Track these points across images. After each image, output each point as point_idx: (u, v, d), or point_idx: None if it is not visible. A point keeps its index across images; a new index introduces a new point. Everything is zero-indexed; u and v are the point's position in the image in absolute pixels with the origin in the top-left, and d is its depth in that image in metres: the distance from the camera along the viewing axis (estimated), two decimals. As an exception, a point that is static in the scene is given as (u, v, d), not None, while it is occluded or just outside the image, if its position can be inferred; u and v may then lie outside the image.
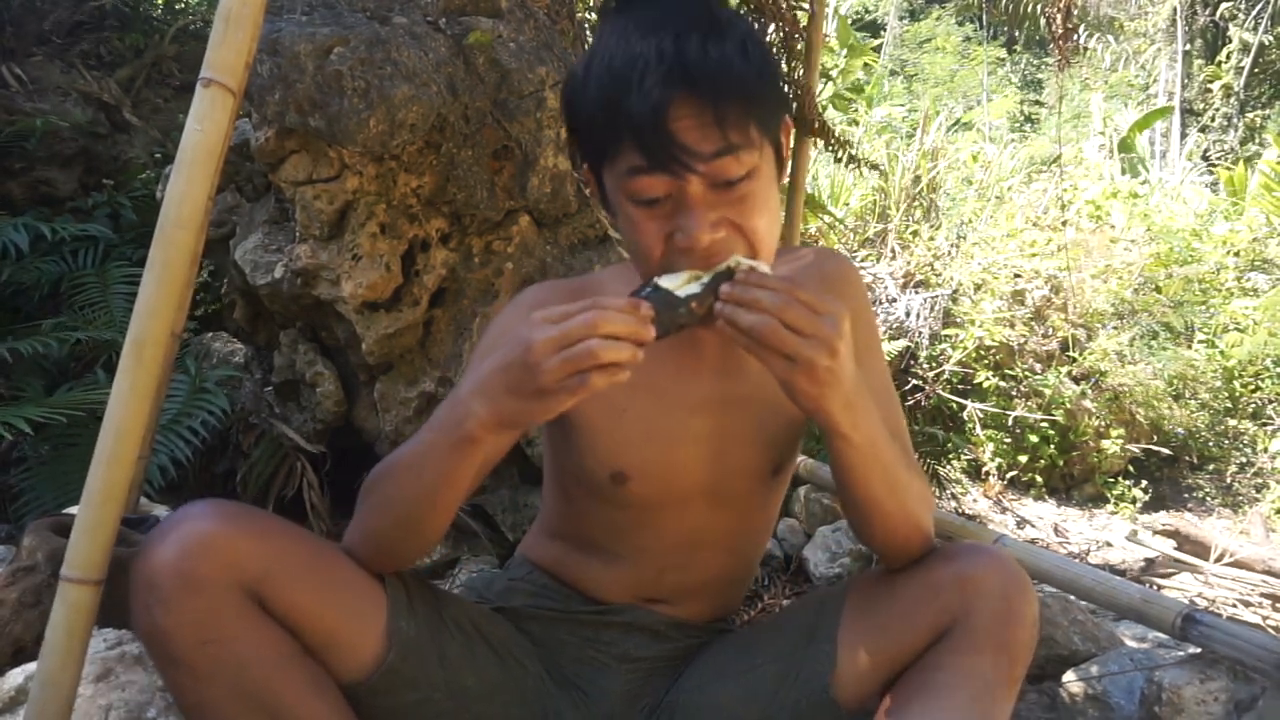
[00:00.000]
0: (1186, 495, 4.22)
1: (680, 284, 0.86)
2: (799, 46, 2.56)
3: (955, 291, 4.31)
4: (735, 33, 0.88)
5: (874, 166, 3.18)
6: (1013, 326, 4.21)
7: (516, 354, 0.80)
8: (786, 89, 2.50)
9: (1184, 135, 11.11)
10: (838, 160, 3.17)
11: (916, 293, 4.25)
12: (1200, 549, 2.95)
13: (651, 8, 0.89)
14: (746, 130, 0.87)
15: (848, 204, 5.05)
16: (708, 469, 1.08)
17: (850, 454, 0.92)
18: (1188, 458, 4.37)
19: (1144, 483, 4.09)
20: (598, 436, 1.05)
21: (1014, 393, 4.14)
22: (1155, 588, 2.64)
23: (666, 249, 0.90)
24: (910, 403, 3.98)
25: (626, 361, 0.79)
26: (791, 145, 1.05)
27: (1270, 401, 4.56)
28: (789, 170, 1.07)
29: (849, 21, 7.28)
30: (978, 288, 4.38)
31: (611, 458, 1.05)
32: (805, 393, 0.83)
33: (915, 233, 4.75)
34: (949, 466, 3.91)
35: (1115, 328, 4.51)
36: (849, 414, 0.87)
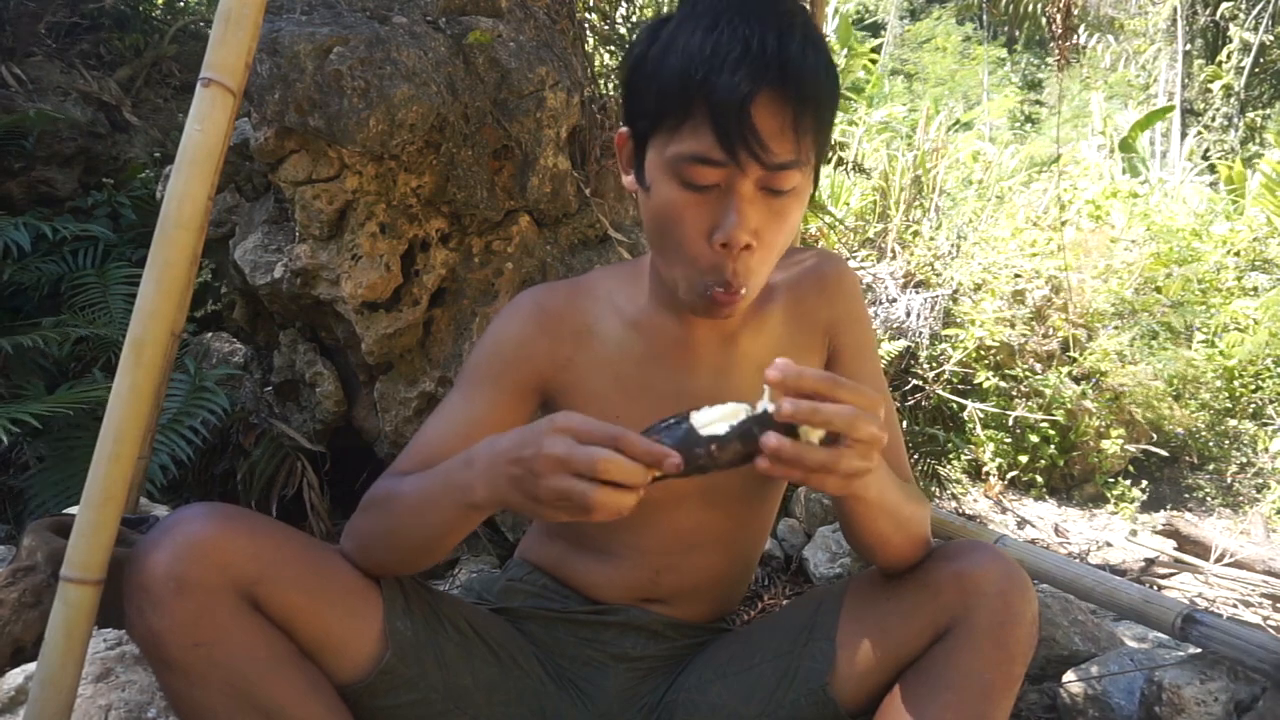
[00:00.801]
0: (1187, 495, 4.22)
1: (711, 421, 0.77)
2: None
3: (955, 291, 4.31)
4: (825, 48, 0.89)
5: (862, 170, 3.18)
6: (1013, 326, 4.21)
7: (528, 451, 0.77)
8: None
9: (1184, 135, 11.11)
10: (826, 161, 3.17)
11: (917, 293, 4.25)
12: (1200, 549, 2.95)
13: None
14: (810, 146, 0.87)
15: (848, 204, 5.05)
16: None
17: (860, 510, 0.93)
18: (1188, 458, 4.37)
19: (1144, 483, 4.09)
20: None
21: (1014, 393, 4.14)
22: (1155, 588, 2.64)
23: (699, 247, 0.89)
24: (910, 403, 3.98)
25: (626, 507, 0.75)
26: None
27: (1270, 401, 4.56)
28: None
29: (849, 21, 7.28)
30: (978, 288, 4.38)
31: None
32: (852, 494, 0.84)
33: (915, 233, 4.75)
34: (949, 466, 3.91)
35: (1115, 328, 4.51)
36: (867, 488, 0.86)
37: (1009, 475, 3.97)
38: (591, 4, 2.86)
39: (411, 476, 0.96)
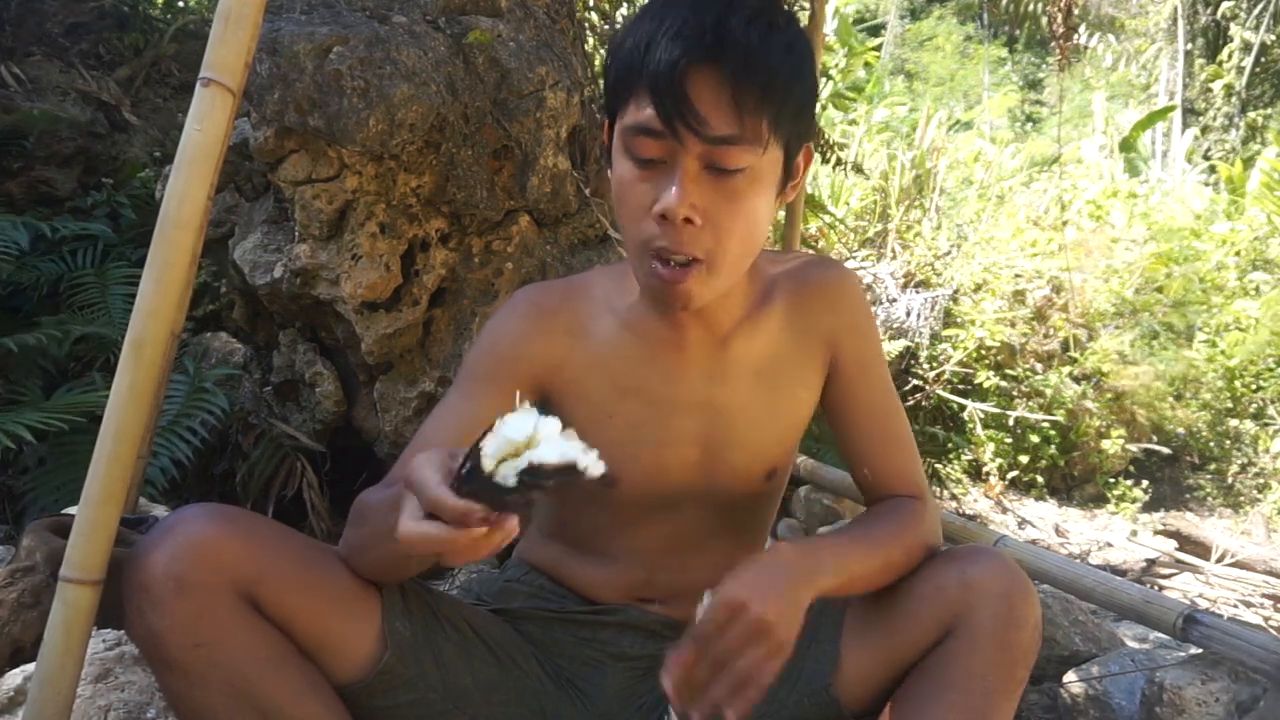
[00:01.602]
0: (1187, 495, 4.22)
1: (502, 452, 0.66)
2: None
3: (956, 291, 4.31)
4: (786, 30, 0.88)
5: (860, 170, 3.18)
6: (1013, 326, 4.21)
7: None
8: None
9: (1185, 135, 11.10)
10: (825, 161, 3.18)
11: (917, 293, 4.25)
12: (1201, 549, 2.95)
13: None
14: (759, 125, 0.86)
15: (848, 204, 5.05)
16: (697, 472, 1.08)
17: (840, 593, 0.95)
18: (1189, 458, 4.37)
19: (1145, 483, 4.09)
20: (586, 440, 1.05)
21: (1015, 393, 4.14)
22: (1156, 588, 2.64)
23: (646, 224, 0.89)
24: (911, 403, 3.98)
25: (478, 555, 0.69)
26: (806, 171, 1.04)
27: (1272, 401, 4.55)
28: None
29: (849, 21, 7.27)
30: (978, 288, 4.38)
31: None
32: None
33: (916, 233, 4.75)
34: (950, 466, 3.91)
35: (1116, 328, 4.51)
36: (832, 587, 0.91)
37: (1009, 475, 3.97)
38: (591, 4, 2.86)
39: (381, 494, 0.94)
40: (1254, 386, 4.64)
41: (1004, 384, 4.10)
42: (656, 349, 1.06)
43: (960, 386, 4.11)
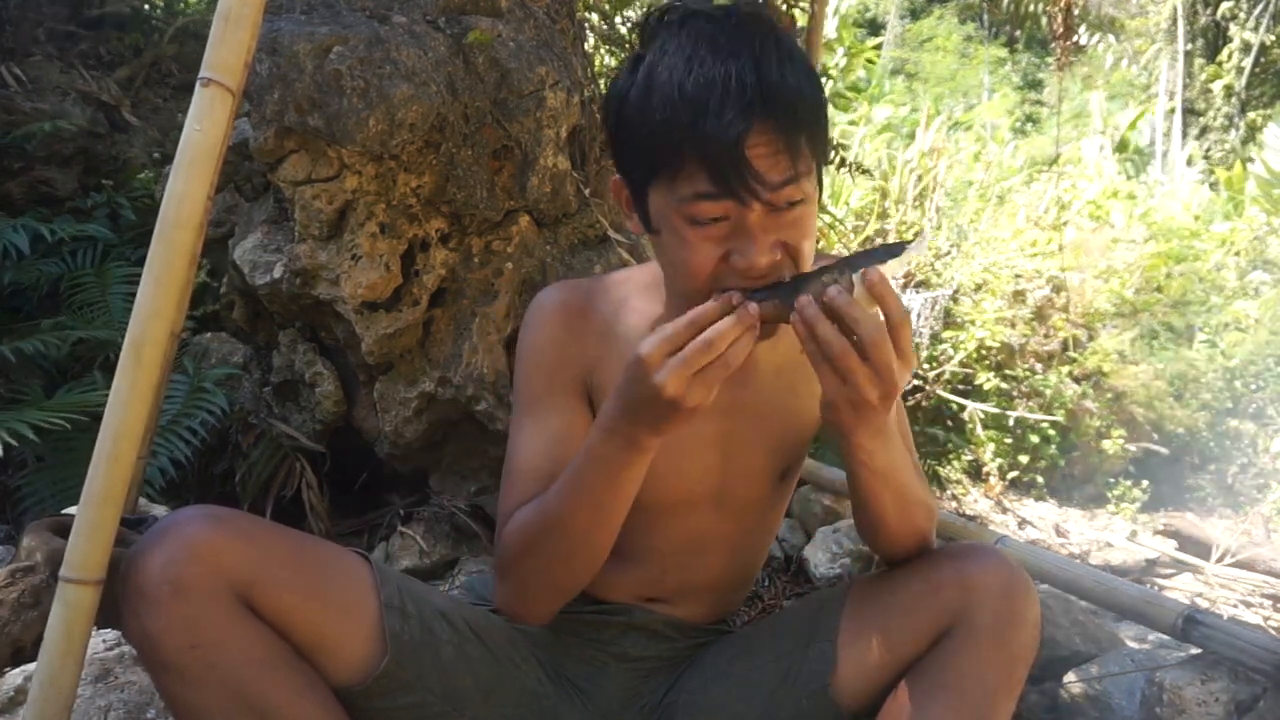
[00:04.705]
0: (1187, 495, 4.22)
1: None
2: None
3: (956, 292, 4.31)
4: (802, 59, 0.89)
5: (865, 171, 3.17)
6: (1013, 326, 4.21)
7: (648, 394, 0.83)
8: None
9: (1185, 135, 11.11)
10: (829, 162, 3.17)
11: (917, 293, 4.25)
12: (1201, 549, 2.95)
13: (719, 27, 0.87)
14: (808, 159, 0.88)
15: (848, 204, 5.05)
16: (716, 473, 1.08)
17: (866, 478, 0.94)
18: (1189, 458, 4.37)
19: (1145, 483, 4.08)
20: None
21: (1015, 393, 4.14)
22: (1156, 588, 2.64)
23: (718, 269, 0.90)
24: (910, 403, 3.98)
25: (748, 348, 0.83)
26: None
27: (1271, 401, 4.55)
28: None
29: (849, 20, 7.27)
30: (978, 288, 4.37)
31: None
32: (843, 419, 0.85)
33: (916, 232, 4.75)
34: (949, 467, 3.91)
35: (1116, 328, 4.51)
36: (872, 444, 0.89)
37: (1009, 475, 3.97)
38: (591, 4, 2.85)
39: (536, 501, 0.96)
40: (1254, 386, 4.64)
41: (1004, 384, 4.10)
42: None
43: (960, 387, 4.11)
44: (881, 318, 0.81)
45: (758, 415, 1.07)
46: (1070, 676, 1.59)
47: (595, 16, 2.92)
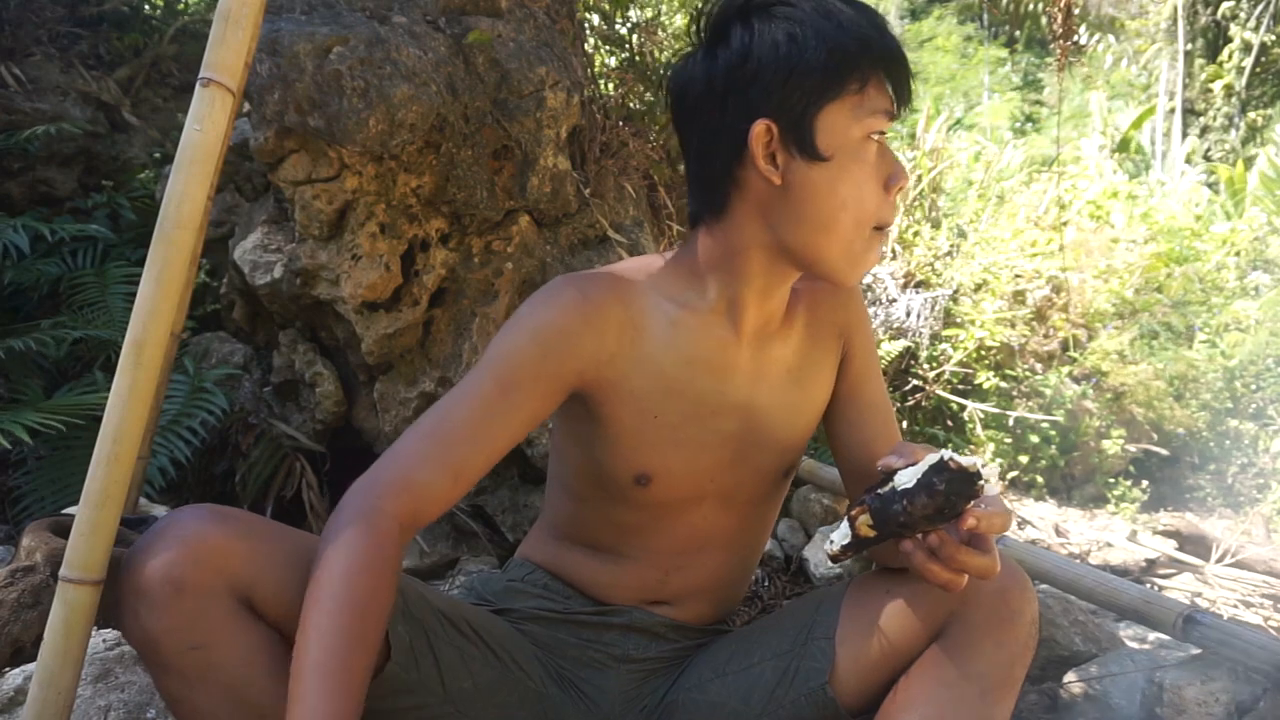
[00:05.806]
0: (1187, 495, 4.22)
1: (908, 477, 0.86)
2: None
3: (956, 291, 4.31)
4: None
5: None
6: (1013, 326, 4.21)
7: None
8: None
9: (1185, 135, 11.11)
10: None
11: (917, 293, 4.25)
12: (1201, 549, 2.94)
13: None
14: None
15: (848, 204, 5.02)
16: (727, 472, 1.08)
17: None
18: (1189, 458, 4.37)
19: (1145, 483, 4.08)
20: (626, 438, 1.03)
21: (1015, 393, 4.14)
22: (1156, 588, 2.64)
23: (879, 197, 0.98)
24: (910, 403, 3.98)
25: None
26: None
27: (1271, 401, 4.55)
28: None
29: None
30: (978, 288, 4.37)
31: (638, 459, 1.04)
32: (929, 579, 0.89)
33: (916, 233, 4.75)
34: (949, 467, 3.90)
35: (1116, 328, 4.51)
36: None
37: (1009, 476, 3.97)
38: (591, 4, 2.85)
39: (327, 611, 0.83)
40: (1254, 386, 4.63)
41: (1004, 384, 4.10)
42: (707, 350, 1.04)
43: (960, 387, 4.10)
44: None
45: (770, 414, 1.08)
46: (1070, 676, 1.59)
47: (595, 17, 2.92)
